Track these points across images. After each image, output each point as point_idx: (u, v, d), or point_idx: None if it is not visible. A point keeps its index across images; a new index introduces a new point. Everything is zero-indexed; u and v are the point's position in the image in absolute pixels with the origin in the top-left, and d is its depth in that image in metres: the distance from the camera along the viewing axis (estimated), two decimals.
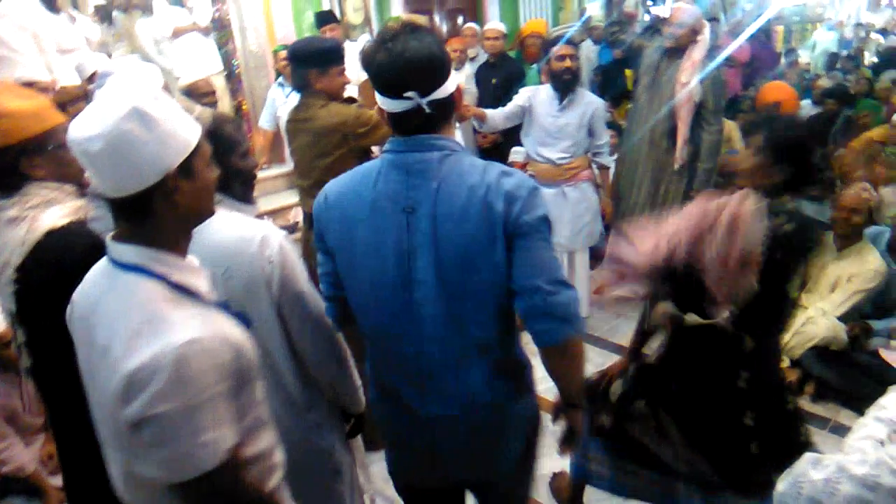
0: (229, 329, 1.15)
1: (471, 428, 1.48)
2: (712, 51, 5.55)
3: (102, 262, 1.17)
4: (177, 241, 1.18)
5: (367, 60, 1.33)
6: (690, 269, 1.67)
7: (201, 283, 1.19)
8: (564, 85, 3.40)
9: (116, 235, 1.14)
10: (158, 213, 1.11)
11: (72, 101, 2.99)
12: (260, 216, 3.36)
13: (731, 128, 5.40)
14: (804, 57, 9.27)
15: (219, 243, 1.51)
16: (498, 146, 4.54)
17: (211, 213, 1.24)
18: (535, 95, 3.52)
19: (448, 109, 1.36)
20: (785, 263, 1.72)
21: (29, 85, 3.16)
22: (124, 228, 1.14)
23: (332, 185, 1.47)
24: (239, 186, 1.64)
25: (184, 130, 1.12)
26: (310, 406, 1.73)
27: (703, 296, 1.68)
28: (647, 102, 3.71)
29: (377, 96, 1.36)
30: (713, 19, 7.95)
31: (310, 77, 2.53)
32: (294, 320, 1.60)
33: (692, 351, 1.81)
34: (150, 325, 1.04)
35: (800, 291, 3.33)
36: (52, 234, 1.48)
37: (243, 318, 1.27)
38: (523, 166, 3.75)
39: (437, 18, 6.38)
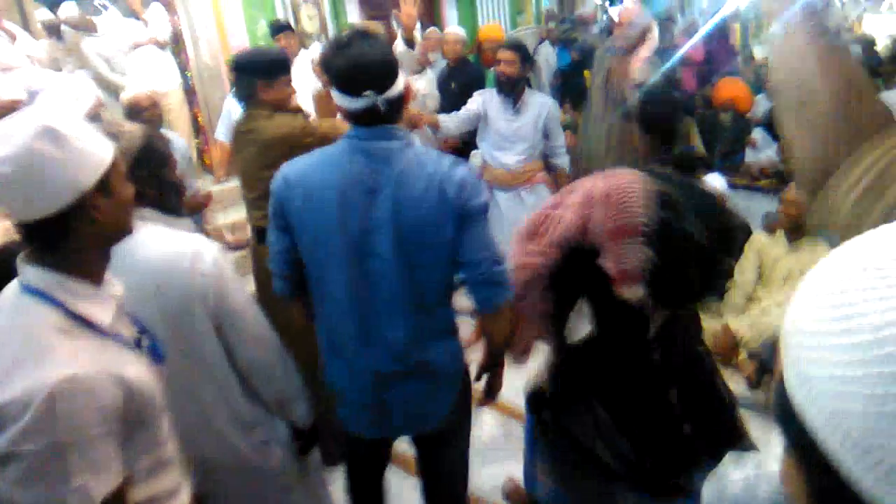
0: (125, 367, 1.10)
1: (414, 381, 1.68)
2: (667, 50, 5.63)
3: (14, 282, 1.12)
4: (90, 265, 1.13)
5: (327, 65, 1.53)
6: (587, 250, 1.66)
7: (106, 313, 1.13)
8: (510, 89, 3.40)
9: (27, 255, 1.10)
10: (74, 235, 1.07)
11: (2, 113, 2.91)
12: (218, 230, 3.30)
13: (689, 124, 5.49)
14: (761, 52, 9.46)
15: (151, 259, 1.48)
16: (458, 151, 4.54)
17: (129, 230, 1.19)
18: (489, 100, 3.52)
19: (400, 105, 1.56)
20: (677, 228, 1.64)
21: None
22: (38, 251, 1.09)
23: (292, 167, 1.62)
24: (173, 199, 1.63)
25: (98, 147, 1.08)
26: (256, 423, 1.70)
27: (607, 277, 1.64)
28: (600, 102, 3.74)
29: (337, 96, 1.53)
30: (669, 19, 8.09)
31: (256, 87, 2.49)
32: (233, 334, 1.57)
33: (610, 331, 1.75)
34: (32, 357, 0.99)
35: (755, 284, 3.39)
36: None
37: (156, 353, 1.23)
38: (480, 172, 3.78)
39: (393, 24, 6.36)
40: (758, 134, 5.79)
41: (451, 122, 3.51)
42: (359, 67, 1.48)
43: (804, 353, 0.45)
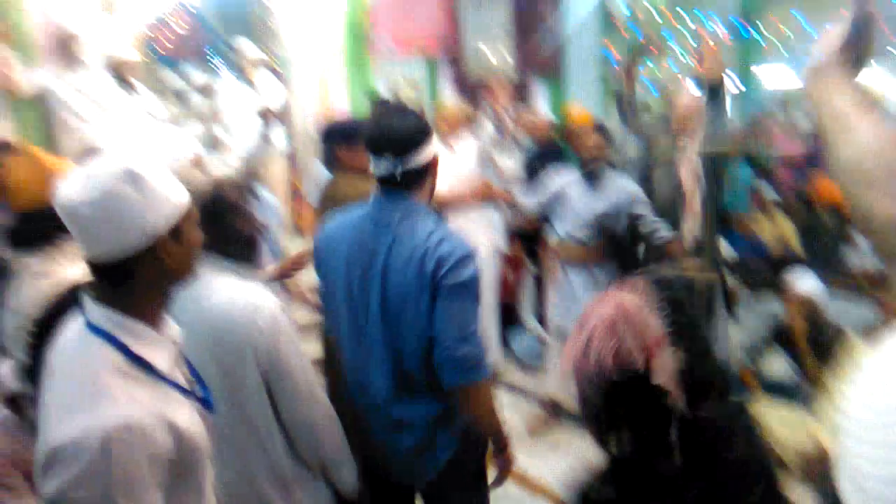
0: (178, 414, 1.09)
1: (400, 435, 1.75)
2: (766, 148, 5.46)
3: (79, 318, 1.13)
4: (152, 307, 1.14)
5: (365, 130, 1.70)
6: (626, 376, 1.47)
7: (164, 358, 1.13)
8: (590, 171, 3.40)
9: (93, 293, 1.11)
10: (140, 277, 1.08)
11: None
12: (300, 290, 3.34)
13: (789, 229, 5.25)
14: None
15: (213, 308, 1.52)
16: (535, 229, 4.52)
17: (192, 275, 1.21)
18: (568, 180, 3.51)
19: (419, 177, 1.67)
20: (688, 324, 1.53)
21: (92, 151, 3.39)
22: (102, 289, 1.11)
23: (331, 221, 1.80)
24: (242, 249, 1.68)
25: (174, 194, 1.12)
26: (297, 483, 1.67)
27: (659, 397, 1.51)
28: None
29: (368, 159, 1.68)
30: (768, 118, 7.90)
31: (337, 153, 2.62)
32: (282, 392, 1.57)
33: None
34: (90, 397, 0.99)
35: None
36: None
37: (206, 403, 1.23)
38: (554, 252, 3.69)
39: (484, 106, 6.59)
40: (861, 239, 5.43)
41: (529, 200, 3.52)
42: (382, 132, 1.63)
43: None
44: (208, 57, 7.26)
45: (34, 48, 4.10)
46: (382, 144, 1.63)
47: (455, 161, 4.04)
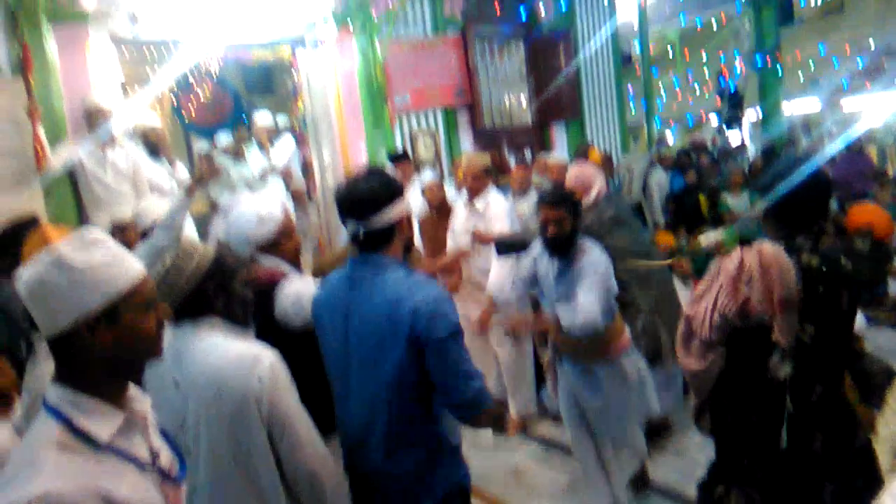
0: (119, 485, 1.08)
1: (391, 487, 1.79)
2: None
3: None
4: (108, 383, 1.15)
5: (336, 199, 1.78)
6: (744, 323, 1.90)
7: (106, 428, 1.12)
8: (559, 251, 2.78)
9: (54, 374, 1.16)
10: (79, 356, 1.12)
11: (119, 231, 3.34)
12: None
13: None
14: None
15: (211, 365, 1.55)
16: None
17: (149, 358, 1.21)
18: (539, 258, 2.94)
19: (384, 236, 1.75)
20: (828, 297, 1.86)
21: (120, 227, 3.49)
22: (58, 367, 1.15)
23: (322, 286, 1.92)
24: (239, 310, 1.73)
25: (111, 278, 1.12)
26: None
27: (767, 349, 1.87)
28: None
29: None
30: (790, 142, 7.82)
31: None
32: (284, 443, 1.58)
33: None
34: (24, 471, 1.02)
35: None
36: None
37: (179, 472, 1.24)
38: (542, 326, 3.09)
39: (505, 152, 6.64)
40: None
41: (503, 293, 3.24)
42: (345, 198, 1.75)
43: None
44: (233, 122, 7.50)
45: (62, 123, 4.27)
46: (346, 208, 1.75)
47: (481, 219, 3.95)
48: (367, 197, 1.73)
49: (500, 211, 3.92)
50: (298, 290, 2.08)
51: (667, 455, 3.59)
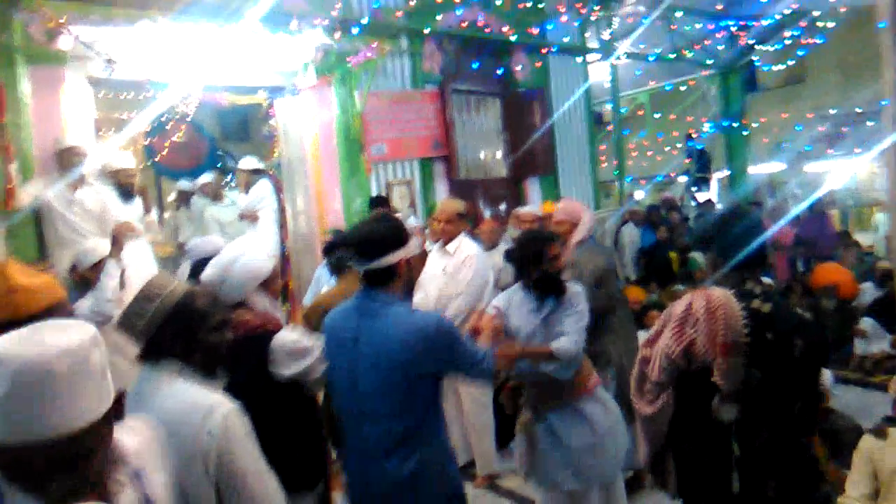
0: None
1: (398, 491, 1.95)
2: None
3: None
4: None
5: (349, 238, 2.15)
6: (688, 366, 1.92)
7: None
8: (553, 286, 2.70)
9: None
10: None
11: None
12: None
13: None
14: (865, 240, 9.10)
15: (166, 411, 1.47)
16: None
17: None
18: (509, 308, 2.80)
19: (387, 275, 2.00)
20: (778, 343, 1.85)
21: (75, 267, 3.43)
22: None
23: (331, 314, 2.14)
24: (203, 359, 1.64)
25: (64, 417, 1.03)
26: None
27: (712, 393, 1.87)
28: None
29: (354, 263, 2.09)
30: (756, 203, 8.04)
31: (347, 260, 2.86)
32: (233, 500, 1.48)
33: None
34: None
35: (874, 501, 2.88)
36: None
37: None
38: (517, 389, 2.90)
39: (480, 203, 6.71)
40: (867, 324, 5.32)
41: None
42: (352, 242, 2.05)
43: None
44: (207, 167, 7.49)
45: (31, 163, 4.20)
46: (354, 248, 2.02)
47: (450, 263, 3.96)
48: (371, 241, 1.99)
49: (470, 253, 3.93)
50: (296, 341, 2.18)
51: None
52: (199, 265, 2.79)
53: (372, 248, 1.96)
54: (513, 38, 6.73)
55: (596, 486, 2.76)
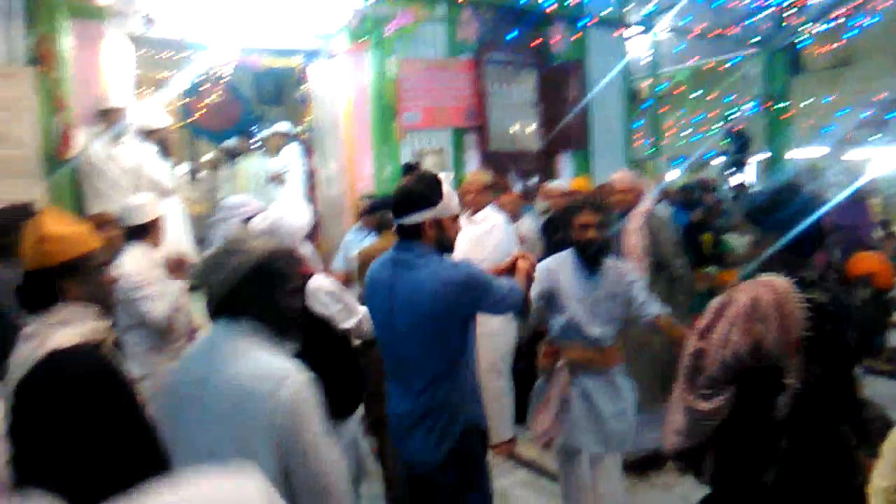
0: None
1: (427, 419, 2.16)
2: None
3: None
4: None
5: (393, 200, 2.22)
6: (757, 363, 1.76)
7: None
8: (590, 256, 2.83)
9: None
10: None
11: (102, 225, 3.26)
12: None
13: None
14: None
15: (235, 375, 1.42)
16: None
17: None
18: (560, 269, 2.90)
19: (417, 231, 2.14)
20: (836, 336, 1.75)
21: (104, 221, 3.46)
22: None
23: (372, 265, 2.29)
24: (278, 321, 1.57)
25: None
26: None
27: (776, 388, 1.76)
28: None
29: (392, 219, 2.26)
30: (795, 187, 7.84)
31: (388, 218, 3.06)
32: (299, 476, 1.42)
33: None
34: None
35: None
36: (53, 355, 1.50)
37: None
38: (555, 352, 2.95)
39: (510, 176, 6.66)
40: None
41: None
42: (395, 195, 2.21)
43: None
44: (240, 129, 7.55)
45: (72, 117, 4.28)
46: (394, 203, 2.20)
47: (477, 231, 4.02)
48: (403, 198, 2.16)
49: (497, 223, 4.03)
50: (329, 286, 2.60)
51: (655, 490, 3.53)
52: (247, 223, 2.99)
53: (399, 205, 2.15)
54: (551, 9, 6.59)
55: (612, 453, 2.87)
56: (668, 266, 3.63)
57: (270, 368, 1.44)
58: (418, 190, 2.14)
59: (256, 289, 1.52)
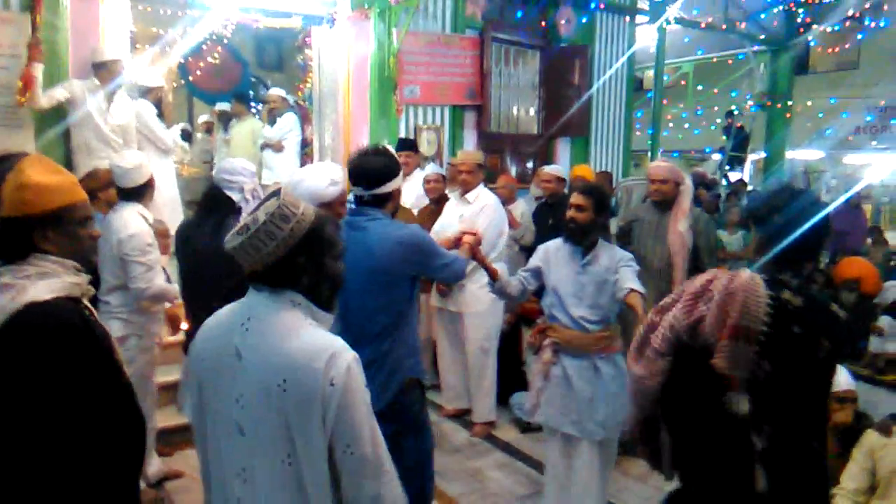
0: None
1: (372, 371, 2.12)
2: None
3: None
4: None
5: (349, 164, 2.39)
6: (694, 344, 1.77)
7: None
8: (578, 238, 2.89)
9: None
10: None
11: (102, 186, 3.21)
12: None
13: None
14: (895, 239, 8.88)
15: (283, 351, 1.36)
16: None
17: None
18: (553, 250, 2.99)
19: (383, 200, 2.38)
20: (803, 340, 1.72)
21: (91, 175, 3.41)
22: None
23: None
24: (325, 292, 1.50)
25: None
26: None
27: (717, 378, 1.74)
28: (650, 251, 3.73)
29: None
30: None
31: None
32: (346, 460, 1.37)
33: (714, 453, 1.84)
34: None
35: (869, 496, 2.88)
36: (30, 308, 1.46)
37: None
38: (543, 330, 3.03)
39: (507, 159, 6.62)
40: (885, 322, 5.23)
41: (514, 283, 3.00)
42: (357, 168, 2.34)
43: None
44: (238, 92, 7.42)
45: (65, 66, 4.19)
46: (357, 176, 2.35)
47: (468, 211, 4.01)
48: (374, 171, 2.32)
49: (488, 203, 4.01)
50: None
51: (628, 480, 3.56)
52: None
53: (371, 177, 2.33)
54: None
55: (588, 440, 2.87)
56: (700, 267, 3.59)
57: (322, 345, 1.38)
58: (387, 162, 2.36)
59: (308, 257, 1.44)
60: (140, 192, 3.05)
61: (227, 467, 1.44)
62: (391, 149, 2.44)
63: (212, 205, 2.87)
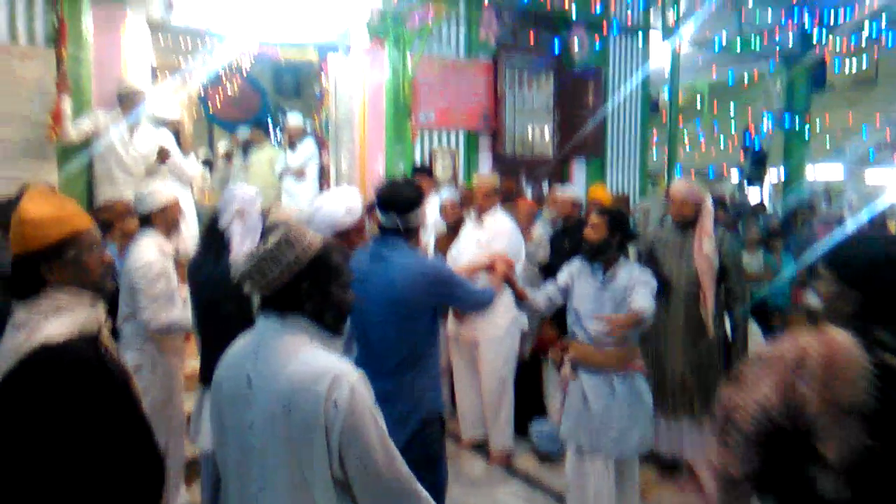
0: None
1: (391, 404, 2.17)
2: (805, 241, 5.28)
3: None
4: None
5: (377, 193, 2.45)
6: (791, 425, 1.52)
7: None
8: (592, 255, 2.98)
9: None
10: None
11: (117, 217, 3.25)
12: None
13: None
14: None
15: (286, 375, 1.38)
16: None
17: None
18: (578, 269, 3.07)
19: (414, 230, 2.42)
20: None
21: (107, 207, 3.46)
22: None
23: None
24: (331, 317, 1.53)
25: None
26: None
27: (811, 457, 1.51)
28: (676, 273, 3.64)
29: (378, 212, 2.43)
30: (810, 208, 7.75)
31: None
32: (358, 480, 1.36)
33: None
34: None
35: None
36: (43, 349, 1.43)
37: None
38: (564, 348, 3.16)
39: (522, 181, 6.61)
40: None
41: (541, 298, 3.10)
42: (390, 196, 2.39)
43: None
44: (257, 120, 7.55)
45: (89, 98, 4.29)
46: (389, 204, 2.37)
47: (484, 236, 4.00)
48: (404, 198, 2.36)
49: (504, 228, 3.98)
50: None
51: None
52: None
53: (405, 205, 2.36)
54: (573, 14, 6.54)
55: (603, 456, 2.91)
56: (730, 288, 3.57)
57: (324, 367, 1.38)
58: (416, 191, 2.41)
59: (312, 284, 1.47)
60: (154, 219, 3.02)
61: (245, 494, 1.45)
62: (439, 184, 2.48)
63: (209, 236, 2.87)
